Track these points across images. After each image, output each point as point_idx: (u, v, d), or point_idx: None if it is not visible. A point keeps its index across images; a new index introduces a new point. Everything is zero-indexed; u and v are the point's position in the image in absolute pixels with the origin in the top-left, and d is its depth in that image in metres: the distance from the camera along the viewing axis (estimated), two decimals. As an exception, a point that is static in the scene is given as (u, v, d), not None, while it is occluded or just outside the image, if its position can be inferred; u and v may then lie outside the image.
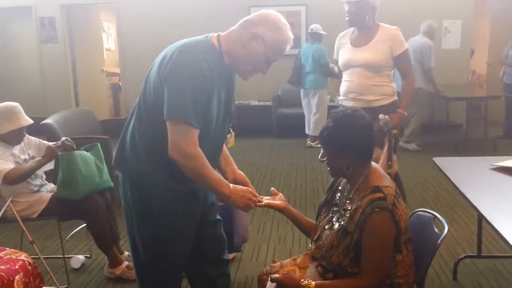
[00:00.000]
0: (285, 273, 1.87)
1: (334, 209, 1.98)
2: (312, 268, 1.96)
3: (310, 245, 2.04)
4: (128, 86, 8.28)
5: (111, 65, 9.65)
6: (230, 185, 1.96)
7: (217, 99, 1.90)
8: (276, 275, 1.83)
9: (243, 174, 2.23)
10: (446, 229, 1.87)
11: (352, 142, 1.84)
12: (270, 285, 1.83)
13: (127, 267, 3.17)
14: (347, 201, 1.90)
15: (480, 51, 8.84)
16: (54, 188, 3.21)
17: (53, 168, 3.32)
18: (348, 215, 1.84)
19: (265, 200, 2.09)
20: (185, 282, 2.35)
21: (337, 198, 2.00)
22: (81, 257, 3.44)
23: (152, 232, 2.02)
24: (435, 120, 7.79)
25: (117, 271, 3.19)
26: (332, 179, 2.08)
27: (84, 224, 3.34)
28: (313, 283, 1.78)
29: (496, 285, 3.02)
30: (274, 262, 2.11)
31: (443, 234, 1.84)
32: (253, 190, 2.04)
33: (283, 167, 5.98)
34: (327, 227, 1.94)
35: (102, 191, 3.22)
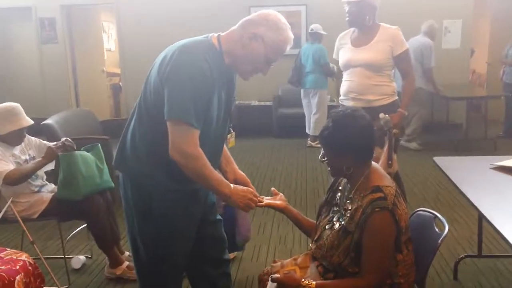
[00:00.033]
0: (286, 273, 1.87)
1: (335, 209, 1.98)
2: (313, 268, 1.96)
3: (311, 245, 2.04)
4: (129, 87, 8.29)
5: (112, 66, 9.66)
6: (231, 185, 1.96)
7: (218, 99, 1.90)
8: (277, 275, 1.83)
9: (244, 174, 2.23)
10: (447, 229, 1.87)
11: (352, 142, 1.84)
12: (271, 285, 1.83)
13: (128, 267, 3.17)
14: (348, 201, 1.90)
15: (480, 51, 8.83)
16: (55, 189, 3.21)
17: (54, 169, 3.32)
18: (349, 215, 1.84)
19: (266, 200, 2.09)
20: (186, 282, 2.35)
21: (338, 198, 2.00)
22: (82, 258, 3.45)
23: (153, 232, 2.02)
24: (435, 120, 7.79)
25: (118, 271, 3.19)
26: (333, 179, 2.09)
27: (85, 225, 3.34)
28: (314, 283, 1.78)
29: (497, 285, 3.02)
30: (275, 262, 2.11)
31: (444, 234, 1.84)
32: (254, 190, 2.04)
33: (284, 167, 5.99)
34: (328, 227, 1.94)
35: (103, 192, 3.22)
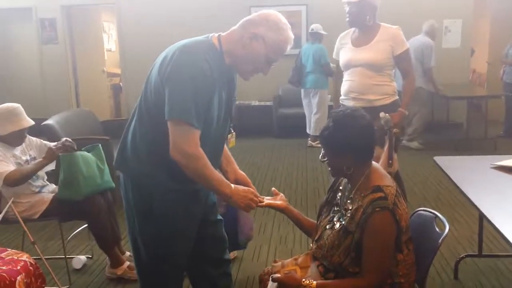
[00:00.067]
0: (287, 273, 1.88)
1: (335, 209, 1.98)
2: (313, 268, 1.96)
3: (311, 245, 2.04)
4: (129, 87, 8.29)
5: (112, 66, 9.66)
6: (232, 186, 1.96)
7: (218, 100, 1.90)
8: (278, 275, 1.83)
9: (245, 175, 2.23)
10: (447, 228, 1.87)
11: (352, 142, 1.84)
12: (272, 285, 1.83)
13: (129, 267, 3.17)
14: (348, 201, 1.90)
15: (481, 50, 8.83)
16: (56, 189, 3.21)
17: (55, 169, 3.32)
18: (349, 215, 1.84)
19: (266, 200, 2.09)
20: (187, 282, 2.35)
21: (338, 198, 2.00)
22: (83, 258, 3.45)
23: (154, 233, 2.02)
24: (436, 119, 7.79)
25: (119, 272, 3.19)
26: (333, 179, 2.09)
27: (86, 225, 3.34)
28: (314, 283, 1.79)
29: (497, 284, 3.02)
30: (276, 262, 2.12)
31: (444, 233, 1.84)
32: (255, 191, 2.04)
33: (284, 167, 5.99)
34: (328, 227, 1.94)
35: (104, 192, 3.22)
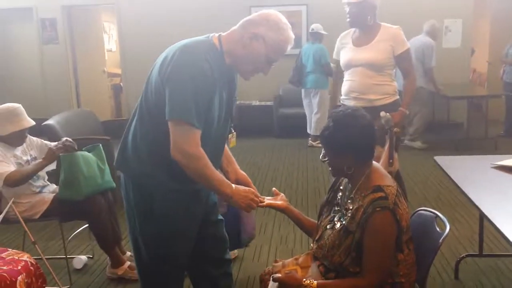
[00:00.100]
0: (287, 273, 1.88)
1: (336, 209, 1.98)
2: (314, 268, 1.97)
3: (312, 245, 2.04)
4: (130, 87, 8.29)
5: (113, 66, 9.66)
6: (232, 186, 1.96)
7: (219, 99, 1.90)
8: (278, 275, 1.83)
9: (245, 175, 2.23)
10: (448, 228, 1.87)
11: (353, 142, 1.84)
12: (272, 285, 1.83)
13: (129, 267, 3.18)
14: (349, 201, 1.90)
15: (481, 50, 8.83)
16: (56, 189, 3.22)
17: (55, 169, 3.33)
18: (350, 215, 1.84)
19: (267, 201, 2.09)
20: (187, 282, 2.35)
21: (339, 198, 2.00)
22: (83, 258, 3.45)
23: (154, 233, 2.02)
24: (436, 119, 7.78)
25: (119, 271, 3.19)
26: (334, 179, 2.09)
27: (86, 225, 3.34)
28: (315, 283, 1.79)
29: (498, 284, 3.02)
30: (276, 262, 2.12)
31: (445, 233, 1.84)
32: (255, 191, 2.04)
33: (285, 167, 5.99)
34: (329, 227, 1.94)
35: (104, 192, 3.22)
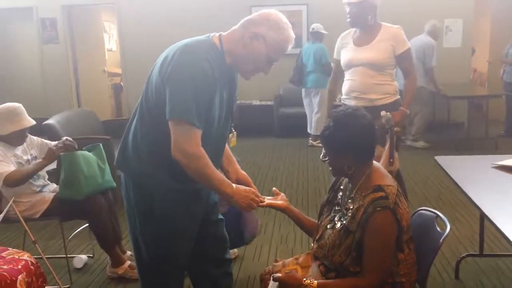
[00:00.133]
0: (287, 272, 1.88)
1: (336, 209, 1.98)
2: (314, 267, 1.96)
3: (312, 245, 2.04)
4: (130, 86, 8.29)
5: (113, 66, 9.66)
6: (233, 185, 1.95)
7: (219, 99, 1.90)
8: (279, 274, 1.83)
9: (246, 174, 2.23)
10: (448, 228, 1.87)
11: (353, 142, 1.84)
12: (273, 285, 1.83)
13: (130, 267, 3.18)
14: (349, 200, 1.90)
15: (481, 50, 8.82)
16: (57, 188, 3.22)
17: (56, 168, 3.33)
18: (350, 214, 1.84)
19: (267, 200, 2.09)
20: (188, 282, 2.35)
21: (339, 198, 2.00)
22: (84, 257, 3.45)
23: (154, 233, 2.02)
24: (437, 119, 7.79)
25: (120, 271, 3.20)
26: (334, 179, 2.09)
27: (87, 224, 3.34)
28: (315, 282, 1.79)
29: (498, 284, 3.02)
30: (276, 262, 2.11)
31: (445, 233, 1.84)
32: (256, 191, 2.04)
33: (285, 167, 5.99)
34: (329, 227, 1.94)
35: (104, 191, 3.22)
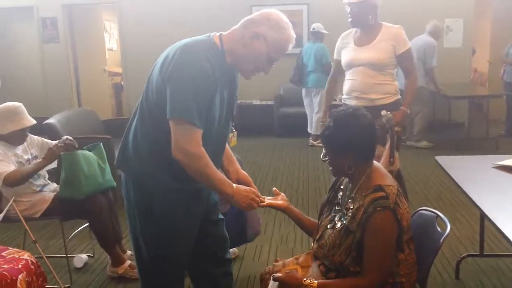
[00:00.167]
0: (288, 272, 1.88)
1: (336, 208, 1.98)
2: (315, 267, 1.96)
3: (312, 244, 2.04)
4: (130, 86, 8.29)
5: (113, 65, 9.67)
6: (233, 185, 1.95)
7: (220, 99, 1.90)
8: (279, 274, 1.83)
9: (246, 174, 2.23)
10: (449, 228, 1.87)
11: (353, 142, 1.84)
12: (273, 284, 1.83)
13: (130, 266, 3.18)
14: (349, 200, 1.90)
15: (482, 50, 8.82)
16: (57, 188, 3.22)
17: (56, 168, 3.33)
18: (350, 214, 1.84)
19: (267, 200, 2.09)
20: (188, 281, 2.35)
21: (339, 197, 2.00)
22: (84, 256, 3.45)
23: (155, 232, 2.02)
24: (437, 119, 7.78)
25: (120, 270, 3.20)
26: (334, 178, 2.09)
27: (87, 224, 3.34)
28: (316, 282, 1.78)
29: (499, 284, 3.01)
30: (277, 261, 2.11)
31: (446, 233, 1.84)
32: (256, 190, 2.04)
33: (285, 166, 5.99)
34: (329, 226, 1.94)
35: (105, 191, 3.22)
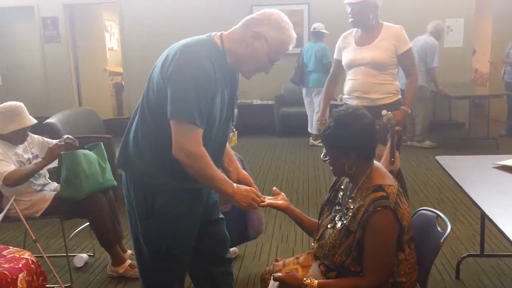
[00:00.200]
0: (288, 272, 1.88)
1: (337, 208, 1.98)
2: (315, 267, 1.96)
3: (313, 244, 2.04)
4: (131, 86, 8.29)
5: (114, 65, 9.68)
6: (234, 185, 1.95)
7: (221, 99, 1.90)
8: (279, 274, 1.83)
9: (247, 174, 2.23)
10: (449, 228, 1.87)
11: (354, 141, 1.84)
12: (273, 284, 1.83)
13: (130, 266, 3.18)
14: (350, 200, 1.90)
15: (483, 50, 8.81)
16: (58, 187, 3.22)
17: (57, 167, 3.33)
18: (351, 214, 1.84)
19: (268, 200, 2.09)
20: (188, 281, 2.35)
21: (340, 197, 2.00)
22: (84, 256, 3.45)
23: (155, 232, 2.02)
24: (438, 119, 7.79)
25: (120, 270, 3.20)
26: (335, 178, 2.09)
27: (87, 223, 3.34)
28: (316, 282, 1.79)
29: (499, 284, 3.01)
30: (277, 261, 2.11)
31: (446, 233, 1.84)
32: (257, 190, 2.04)
33: (286, 166, 5.98)
34: (330, 226, 1.94)
35: (105, 190, 3.22)
